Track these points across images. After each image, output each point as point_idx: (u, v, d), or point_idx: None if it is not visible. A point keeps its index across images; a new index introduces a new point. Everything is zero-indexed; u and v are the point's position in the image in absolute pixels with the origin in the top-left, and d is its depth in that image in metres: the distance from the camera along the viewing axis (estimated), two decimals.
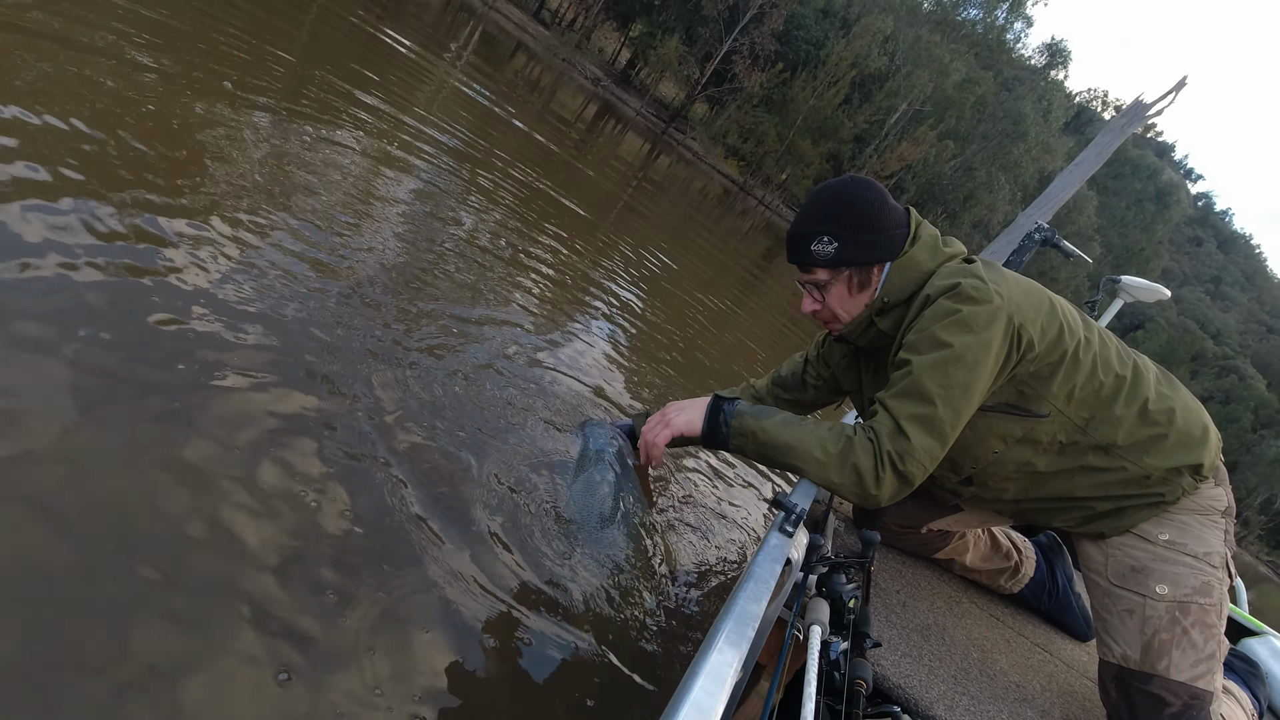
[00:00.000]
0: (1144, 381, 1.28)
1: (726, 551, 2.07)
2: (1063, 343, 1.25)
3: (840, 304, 1.41)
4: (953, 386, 1.19)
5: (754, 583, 0.97)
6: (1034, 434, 1.29)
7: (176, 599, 1.01)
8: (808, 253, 1.38)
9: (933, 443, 1.21)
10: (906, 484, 1.23)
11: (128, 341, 1.37)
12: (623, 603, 1.55)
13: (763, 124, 40.95)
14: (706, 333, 4.75)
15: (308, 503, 1.29)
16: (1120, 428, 1.25)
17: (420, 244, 2.80)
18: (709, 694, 0.69)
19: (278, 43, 4.33)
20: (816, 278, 1.40)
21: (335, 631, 1.11)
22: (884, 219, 1.35)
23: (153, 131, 2.19)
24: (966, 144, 44.86)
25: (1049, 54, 52.59)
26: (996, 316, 1.20)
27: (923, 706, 1.12)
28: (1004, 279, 1.27)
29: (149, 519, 1.09)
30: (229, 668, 0.97)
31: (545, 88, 16.46)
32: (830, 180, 1.42)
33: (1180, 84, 5.20)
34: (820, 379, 1.75)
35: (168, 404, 1.30)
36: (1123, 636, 1.23)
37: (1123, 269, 52.06)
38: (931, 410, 1.20)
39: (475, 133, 5.64)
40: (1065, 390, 1.25)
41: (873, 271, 1.37)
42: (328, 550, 1.23)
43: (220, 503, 1.18)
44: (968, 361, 1.19)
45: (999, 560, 1.69)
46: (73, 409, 1.17)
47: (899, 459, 1.21)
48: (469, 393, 1.95)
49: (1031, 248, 3.44)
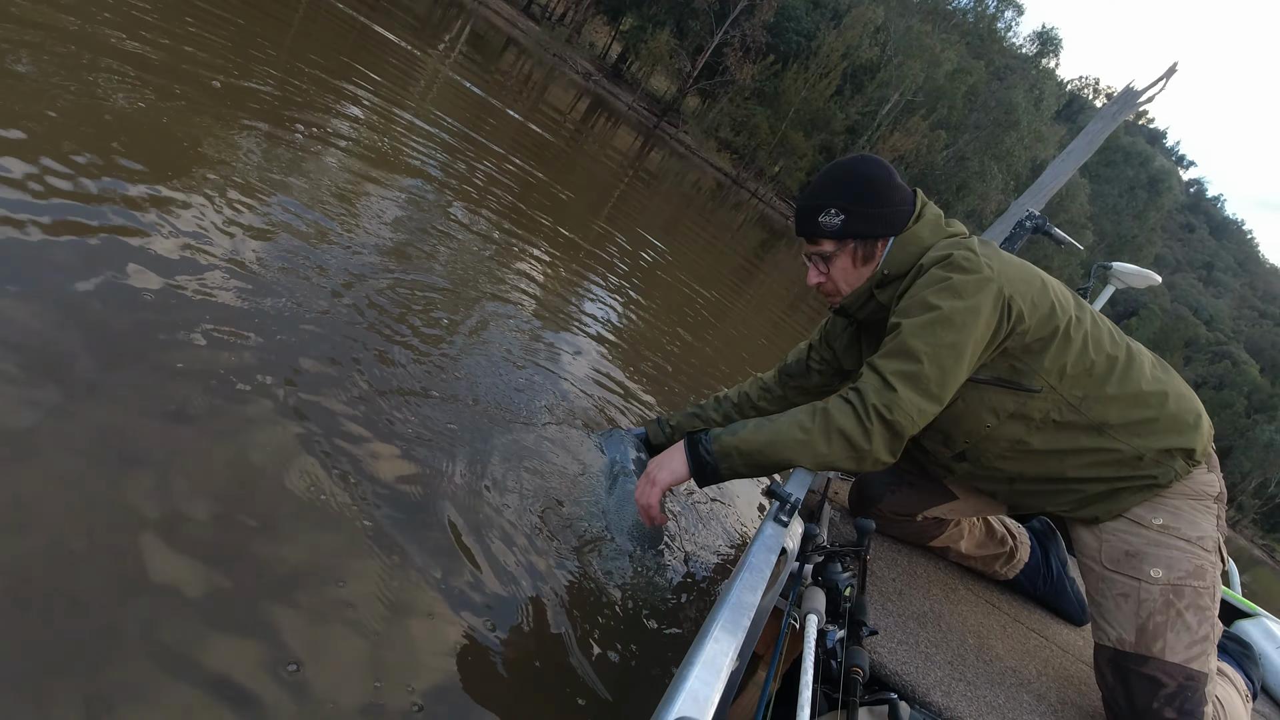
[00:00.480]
0: (1137, 364, 1.29)
1: (722, 542, 2.08)
2: (1054, 318, 1.26)
3: (844, 276, 1.44)
4: (940, 345, 1.21)
5: (749, 572, 0.97)
6: (1026, 409, 1.30)
7: (172, 587, 1.01)
8: (815, 224, 1.41)
9: (918, 397, 1.22)
10: (896, 435, 1.23)
11: (109, 338, 1.37)
12: (618, 594, 1.55)
13: (755, 116, 40.91)
14: (705, 323, 4.75)
15: (306, 498, 1.29)
16: (1113, 407, 1.26)
17: (414, 236, 2.78)
18: (705, 683, 0.69)
19: (267, 35, 4.30)
20: (823, 249, 1.43)
21: (339, 621, 1.11)
22: (890, 195, 1.38)
23: (142, 124, 2.17)
24: (959, 134, 44.90)
25: (1040, 42, 52.60)
26: (986, 285, 1.22)
27: (920, 693, 1.13)
28: (997, 254, 1.29)
29: (124, 512, 1.09)
30: (233, 659, 0.97)
31: (536, 83, 16.39)
32: (842, 157, 1.45)
33: (1170, 70, 5.21)
34: (824, 361, 1.76)
35: (158, 396, 1.29)
36: (1117, 620, 1.23)
37: (1116, 256, 52.28)
38: (918, 367, 1.21)
39: (469, 125, 5.61)
40: (1057, 366, 1.26)
41: (877, 245, 1.40)
42: (323, 544, 1.23)
43: (209, 493, 1.18)
44: (955, 323, 1.21)
45: (994, 546, 1.70)
46: (55, 398, 1.16)
47: (885, 409, 1.21)
48: (467, 386, 1.94)
49: (1023, 235, 3.44)
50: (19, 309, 1.30)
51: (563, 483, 1.80)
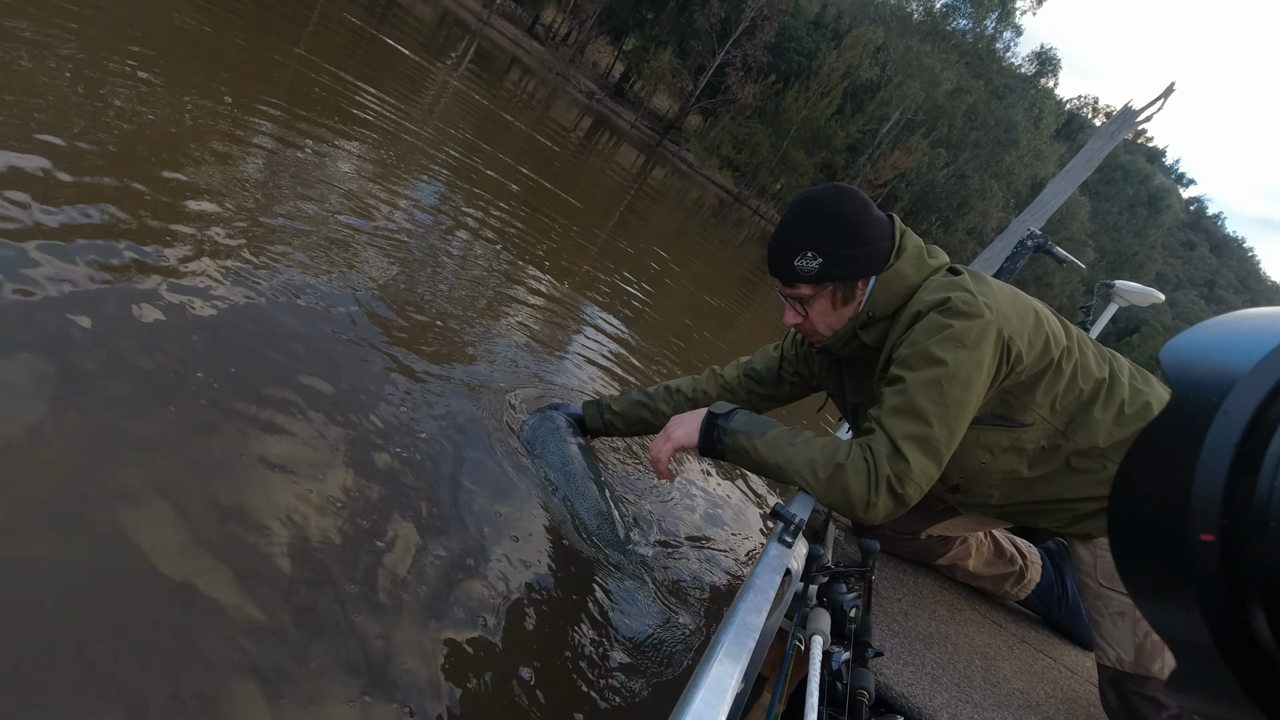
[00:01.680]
0: (1119, 383, 1.29)
1: (726, 563, 2.07)
2: (1049, 353, 1.26)
3: (823, 318, 1.40)
4: (948, 405, 1.19)
5: (754, 594, 0.96)
6: (1020, 442, 1.30)
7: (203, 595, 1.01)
8: (791, 268, 1.36)
9: (929, 463, 1.21)
10: (903, 505, 1.23)
11: (121, 351, 1.37)
12: (622, 615, 1.54)
13: (756, 135, 41.24)
14: (709, 331, 4.75)
15: (319, 503, 1.28)
16: (1100, 430, 1.26)
17: (422, 249, 2.80)
18: (710, 706, 0.69)
19: (278, 48, 4.36)
20: (800, 293, 1.39)
21: (341, 623, 1.10)
22: (868, 232, 1.33)
23: (151, 138, 2.19)
24: (959, 152, 45.19)
25: (1039, 62, 53.01)
26: (987, 332, 1.20)
27: (926, 714, 1.12)
28: (991, 291, 1.26)
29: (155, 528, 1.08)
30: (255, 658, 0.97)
31: (540, 100, 16.54)
32: (812, 190, 1.39)
33: (1168, 90, 5.24)
34: (798, 376, 1.75)
35: (168, 412, 1.29)
36: (1115, 639, 1.23)
37: (1116, 274, 52.30)
38: (928, 430, 1.20)
39: (478, 136, 5.66)
40: (1049, 399, 1.26)
41: (857, 286, 1.36)
42: (333, 547, 1.22)
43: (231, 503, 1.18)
44: (961, 378, 1.19)
45: (1003, 565, 1.69)
46: (73, 411, 1.16)
47: (897, 482, 1.20)
48: (469, 398, 1.94)
49: (1025, 254, 3.45)
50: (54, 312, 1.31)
51: (555, 496, 1.80)
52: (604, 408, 1.95)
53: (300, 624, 1.10)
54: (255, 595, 1.10)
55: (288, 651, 1.05)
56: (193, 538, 1.13)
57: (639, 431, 1.97)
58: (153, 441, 1.24)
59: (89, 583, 0.98)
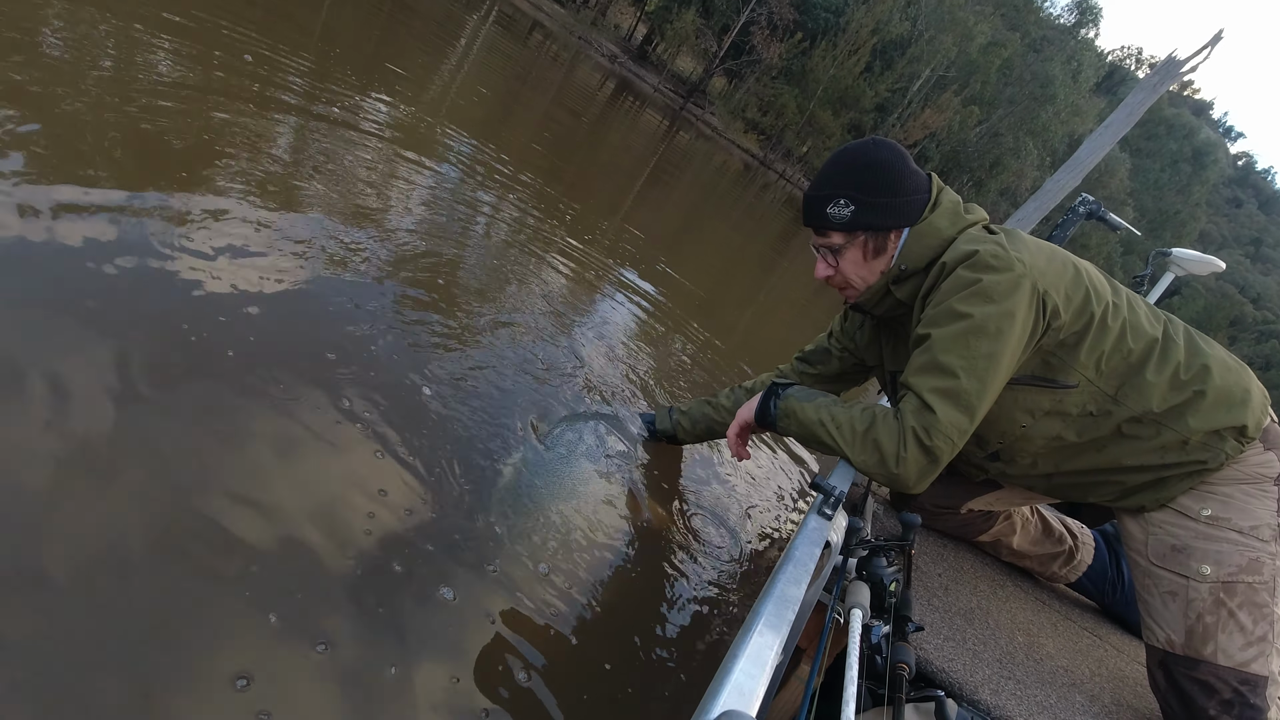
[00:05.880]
0: (1174, 344, 1.22)
1: (765, 535, 2.06)
2: (1089, 308, 1.20)
3: (854, 270, 1.38)
4: (976, 357, 1.16)
5: (793, 566, 0.95)
6: (1063, 406, 1.24)
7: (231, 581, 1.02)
8: (823, 215, 1.35)
9: (960, 416, 1.17)
10: (933, 460, 1.20)
11: (147, 336, 1.38)
12: (662, 587, 1.55)
13: (782, 96, 40.20)
14: (735, 305, 4.70)
15: (340, 498, 1.30)
16: (1154, 394, 1.20)
17: (444, 222, 2.78)
18: (750, 676, 0.68)
19: (298, 19, 4.32)
20: (831, 241, 1.37)
21: (375, 609, 1.11)
22: (904, 183, 1.31)
23: (170, 120, 2.19)
24: (992, 109, 43.63)
25: (1079, 11, 50.82)
26: (1019, 284, 1.15)
27: (968, 690, 1.10)
28: (1025, 245, 1.22)
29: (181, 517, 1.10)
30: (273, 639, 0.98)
31: (563, 64, 16.30)
32: (851, 142, 1.38)
33: (1216, 38, 4.97)
34: (845, 350, 1.75)
35: (189, 397, 1.31)
36: (1165, 620, 1.19)
37: (1156, 233, 50.62)
38: (955, 383, 1.17)
39: (495, 111, 5.60)
40: (1093, 358, 1.21)
41: (889, 237, 1.33)
42: (355, 540, 1.24)
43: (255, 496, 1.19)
44: (990, 331, 1.15)
45: (1050, 545, 1.63)
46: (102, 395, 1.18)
47: (924, 434, 1.18)
48: (496, 383, 1.94)
49: (1076, 221, 3.31)
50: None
51: (601, 477, 1.80)
52: (673, 410, 2.03)
53: (350, 602, 1.12)
54: (282, 582, 1.12)
55: (354, 643, 1.07)
56: (216, 517, 1.14)
57: (704, 430, 2.00)
58: (178, 421, 1.26)
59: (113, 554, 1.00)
